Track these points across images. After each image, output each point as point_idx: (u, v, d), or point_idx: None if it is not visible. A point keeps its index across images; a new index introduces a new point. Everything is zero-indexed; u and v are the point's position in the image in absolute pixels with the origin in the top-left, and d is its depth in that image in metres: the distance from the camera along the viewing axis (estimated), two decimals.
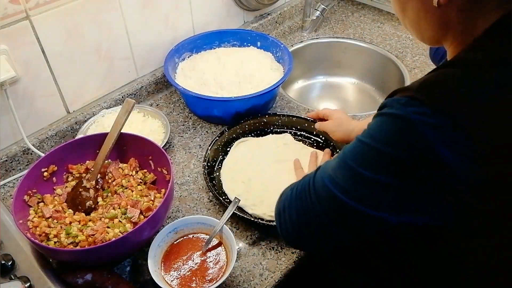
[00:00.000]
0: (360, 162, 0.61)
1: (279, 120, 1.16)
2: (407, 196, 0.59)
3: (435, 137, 0.54)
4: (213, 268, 0.82)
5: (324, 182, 0.66)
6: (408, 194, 0.59)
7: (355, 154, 0.62)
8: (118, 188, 0.93)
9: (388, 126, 0.59)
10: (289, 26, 1.58)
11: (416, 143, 0.56)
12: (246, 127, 1.15)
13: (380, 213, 0.62)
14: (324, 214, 0.66)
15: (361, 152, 0.62)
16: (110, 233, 0.82)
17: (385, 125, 0.59)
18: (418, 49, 1.48)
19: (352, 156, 0.63)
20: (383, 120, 0.60)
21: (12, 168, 1.06)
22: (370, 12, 1.68)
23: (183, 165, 1.09)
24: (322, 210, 0.66)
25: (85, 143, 0.97)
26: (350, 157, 0.63)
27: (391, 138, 0.58)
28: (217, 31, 1.33)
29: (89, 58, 1.11)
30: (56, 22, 1.01)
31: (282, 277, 0.87)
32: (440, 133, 0.54)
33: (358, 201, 0.62)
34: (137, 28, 1.18)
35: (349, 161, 0.63)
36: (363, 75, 1.56)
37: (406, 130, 0.56)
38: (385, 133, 0.59)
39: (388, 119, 0.59)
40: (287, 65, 1.22)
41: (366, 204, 0.62)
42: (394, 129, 0.58)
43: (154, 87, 1.28)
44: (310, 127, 1.14)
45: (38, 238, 0.83)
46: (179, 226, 0.87)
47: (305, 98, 1.56)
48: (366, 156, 0.61)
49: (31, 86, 1.03)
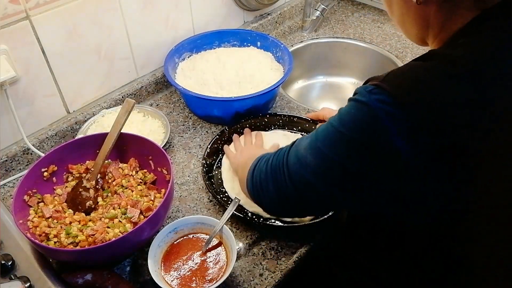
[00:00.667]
0: (328, 145, 0.64)
1: (280, 120, 1.16)
2: (363, 181, 0.62)
3: (391, 126, 0.56)
4: (213, 268, 0.82)
5: (295, 161, 0.69)
6: (364, 179, 0.61)
7: (325, 137, 0.65)
8: (118, 188, 0.93)
9: (354, 112, 0.61)
10: (289, 26, 1.58)
11: (375, 129, 0.58)
12: (247, 126, 1.15)
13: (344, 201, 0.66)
14: (296, 191, 0.69)
15: (330, 136, 0.64)
16: (110, 233, 0.82)
17: (352, 111, 0.62)
18: (418, 49, 1.48)
19: (322, 138, 0.65)
20: (351, 105, 0.62)
21: (12, 168, 1.06)
22: (370, 12, 1.68)
23: (183, 165, 1.09)
24: (294, 188, 0.69)
25: (85, 143, 0.97)
26: (321, 139, 0.65)
27: (355, 123, 0.60)
28: (217, 31, 1.33)
29: (89, 58, 1.11)
30: (56, 22, 1.01)
31: (282, 277, 0.87)
32: (396, 123, 0.56)
33: (325, 183, 0.65)
34: (137, 28, 1.18)
35: (319, 143, 0.65)
36: (363, 75, 1.56)
37: (367, 116, 0.59)
38: (350, 118, 0.61)
39: (355, 104, 0.61)
40: (287, 65, 1.22)
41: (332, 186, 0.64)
42: (358, 114, 0.60)
43: (154, 87, 1.28)
44: (311, 128, 1.14)
45: (38, 238, 0.83)
46: (179, 226, 0.87)
47: (305, 98, 1.56)
48: (334, 139, 0.63)
49: (31, 86, 1.03)
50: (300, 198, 0.70)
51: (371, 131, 0.58)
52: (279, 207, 0.76)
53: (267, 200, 0.76)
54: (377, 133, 0.58)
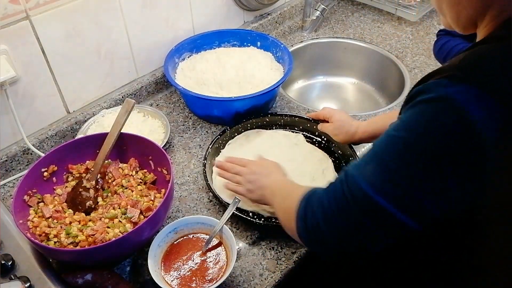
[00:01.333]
0: (397, 159, 0.56)
1: (281, 119, 1.16)
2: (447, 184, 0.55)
3: (480, 115, 0.52)
4: (213, 268, 0.82)
5: (359, 184, 0.59)
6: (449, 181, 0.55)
7: (391, 152, 0.57)
8: (118, 188, 0.93)
9: (428, 112, 0.55)
10: (289, 26, 1.58)
11: (460, 124, 0.53)
12: (248, 126, 1.15)
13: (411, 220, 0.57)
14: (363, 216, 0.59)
15: (397, 148, 0.57)
16: (110, 233, 0.82)
17: (425, 113, 0.55)
18: (418, 49, 1.48)
19: (388, 153, 0.57)
20: (421, 108, 0.55)
21: (12, 168, 1.06)
22: (370, 12, 1.68)
23: (183, 165, 1.09)
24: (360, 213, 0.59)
25: (85, 143, 0.97)
26: (386, 154, 0.58)
27: (433, 124, 0.54)
28: (217, 31, 1.33)
29: (89, 58, 1.11)
30: (56, 22, 1.01)
31: (282, 277, 0.87)
32: (484, 110, 0.52)
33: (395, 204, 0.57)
34: (137, 28, 1.18)
35: (386, 157, 0.57)
36: (363, 75, 1.56)
37: (449, 112, 0.53)
38: (425, 121, 0.55)
39: (428, 105, 0.55)
40: (287, 65, 1.22)
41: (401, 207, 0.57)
42: (435, 113, 0.54)
43: (154, 87, 1.28)
44: (312, 128, 1.14)
45: (38, 238, 0.83)
46: (179, 226, 0.87)
47: (305, 98, 1.56)
48: (403, 151, 0.56)
49: (31, 86, 1.03)
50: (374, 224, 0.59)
51: (455, 127, 0.53)
52: (349, 241, 0.63)
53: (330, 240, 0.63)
54: (463, 127, 0.52)
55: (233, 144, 1.11)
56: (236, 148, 1.10)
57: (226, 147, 1.10)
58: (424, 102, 0.55)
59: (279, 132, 1.15)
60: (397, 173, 0.56)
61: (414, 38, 1.53)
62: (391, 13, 1.64)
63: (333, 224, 0.62)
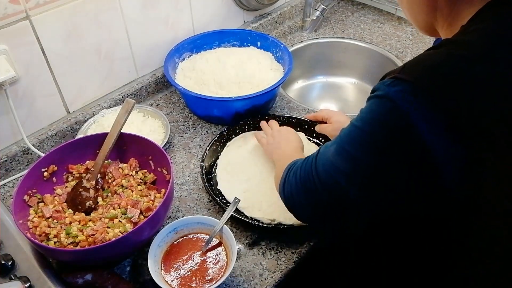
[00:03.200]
0: (354, 145, 0.64)
1: (279, 121, 1.16)
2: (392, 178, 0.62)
3: (415, 114, 0.56)
4: (213, 268, 0.82)
5: (325, 168, 0.67)
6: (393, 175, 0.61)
7: (350, 139, 0.65)
8: (118, 188, 0.93)
9: (375, 108, 0.61)
10: (289, 26, 1.58)
11: (399, 120, 0.58)
12: (246, 127, 1.15)
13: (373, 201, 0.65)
14: (330, 197, 0.67)
15: (354, 136, 0.64)
16: (110, 233, 0.82)
17: (373, 107, 0.62)
18: (418, 49, 1.48)
19: (347, 140, 0.65)
20: (371, 102, 0.62)
21: (12, 168, 1.06)
22: (370, 12, 1.68)
23: (183, 165, 1.09)
24: (328, 194, 0.67)
25: (85, 143, 0.97)
26: (346, 141, 0.65)
27: (377, 118, 0.61)
28: (217, 31, 1.33)
29: (89, 58, 1.11)
30: (56, 22, 1.01)
31: (282, 277, 0.87)
32: (419, 110, 0.56)
33: (356, 187, 0.64)
34: (137, 28, 1.18)
35: (346, 145, 0.65)
36: (363, 75, 1.56)
37: (389, 109, 0.59)
38: (372, 114, 0.62)
39: (375, 101, 0.62)
40: (287, 65, 1.22)
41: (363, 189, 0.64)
42: (379, 109, 0.61)
43: (154, 87, 1.28)
44: (310, 129, 1.14)
45: (38, 238, 0.83)
46: (179, 226, 0.87)
47: (305, 98, 1.56)
48: (358, 139, 0.63)
49: (31, 86, 1.03)
50: (335, 203, 0.67)
51: (395, 124, 0.58)
52: (315, 217, 0.73)
53: (301, 211, 0.75)
54: (401, 124, 0.58)
55: (232, 146, 1.11)
56: (234, 149, 1.10)
57: (224, 149, 1.10)
58: (373, 98, 0.62)
59: None
60: (351, 156, 0.64)
61: (414, 38, 1.53)
62: (391, 13, 1.64)
63: (302, 195, 0.71)
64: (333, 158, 0.66)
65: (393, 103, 0.58)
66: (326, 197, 0.67)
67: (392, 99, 0.58)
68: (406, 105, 0.57)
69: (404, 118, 0.57)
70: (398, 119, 0.58)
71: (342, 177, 0.64)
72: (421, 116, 0.56)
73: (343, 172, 0.64)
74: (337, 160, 0.65)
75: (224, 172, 1.04)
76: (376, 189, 0.63)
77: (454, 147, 0.57)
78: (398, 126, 0.58)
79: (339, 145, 0.66)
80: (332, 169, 0.66)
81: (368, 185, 0.63)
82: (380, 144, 0.60)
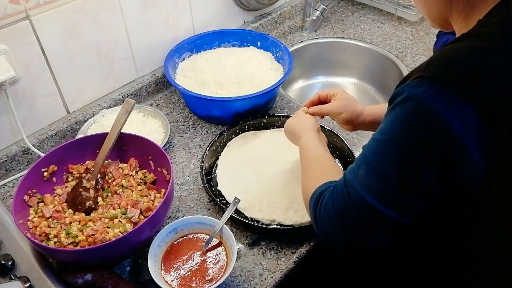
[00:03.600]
0: (385, 161, 0.61)
1: (279, 120, 1.16)
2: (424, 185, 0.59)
3: (444, 111, 0.55)
4: (213, 268, 0.82)
5: (360, 194, 0.63)
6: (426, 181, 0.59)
7: (379, 155, 0.62)
8: (118, 188, 0.93)
9: (402, 114, 0.59)
10: (289, 26, 1.58)
11: (430, 121, 0.56)
12: (246, 127, 1.15)
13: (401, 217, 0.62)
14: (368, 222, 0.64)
15: (383, 151, 0.61)
16: (110, 233, 0.82)
17: (400, 114, 0.59)
18: (418, 49, 1.48)
19: (376, 158, 0.62)
20: (398, 110, 0.59)
21: (12, 168, 1.06)
22: (370, 12, 1.68)
23: (183, 165, 1.09)
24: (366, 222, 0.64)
25: (85, 143, 0.97)
26: (375, 159, 0.62)
27: (407, 124, 0.58)
28: (217, 31, 1.33)
29: (89, 58, 1.11)
30: (56, 22, 1.01)
31: (282, 277, 0.87)
32: (448, 106, 0.55)
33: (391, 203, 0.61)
34: (137, 28, 1.18)
35: (375, 163, 0.62)
36: (363, 75, 1.56)
37: (419, 111, 0.57)
38: (400, 122, 0.59)
39: (401, 107, 0.59)
40: (287, 65, 1.22)
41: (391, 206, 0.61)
42: (408, 114, 0.58)
43: (154, 87, 1.28)
44: None
45: (38, 238, 0.83)
46: (179, 226, 0.87)
47: (305, 98, 1.55)
48: (389, 153, 0.60)
49: (31, 86, 1.03)
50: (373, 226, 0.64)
51: (428, 124, 0.56)
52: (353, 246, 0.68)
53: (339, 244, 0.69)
54: (434, 123, 0.56)
55: (232, 146, 1.11)
56: (234, 149, 1.10)
57: (224, 149, 1.10)
58: (398, 104, 0.59)
59: (278, 131, 1.15)
60: (384, 175, 0.61)
61: (414, 38, 1.53)
62: (391, 13, 1.64)
63: (337, 225, 0.67)
64: (365, 180, 0.63)
65: (421, 103, 0.56)
66: (365, 224, 0.64)
67: (420, 100, 0.56)
68: (434, 103, 0.55)
69: (435, 117, 0.56)
70: (429, 120, 0.56)
71: (378, 197, 0.61)
72: (451, 111, 0.55)
73: (378, 192, 0.61)
74: (370, 182, 0.62)
75: (224, 173, 1.04)
76: (410, 201, 0.61)
77: (483, 138, 0.56)
78: (431, 126, 0.56)
79: (367, 165, 0.63)
80: (368, 193, 0.62)
81: (402, 198, 0.61)
82: (413, 151, 0.58)
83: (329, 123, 1.20)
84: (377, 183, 0.61)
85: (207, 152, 1.06)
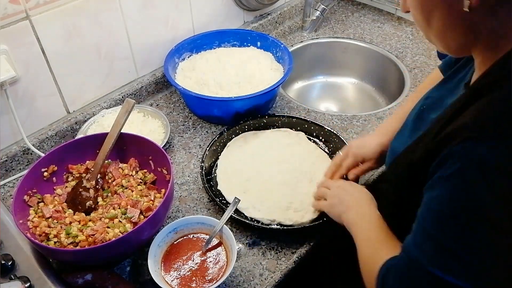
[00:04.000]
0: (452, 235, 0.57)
1: (279, 120, 1.16)
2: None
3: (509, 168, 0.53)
4: (213, 268, 0.82)
5: (425, 268, 0.59)
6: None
7: (445, 229, 0.58)
8: (118, 188, 0.93)
9: (465, 181, 0.56)
10: (289, 26, 1.58)
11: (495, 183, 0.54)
12: (246, 127, 1.15)
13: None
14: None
15: (449, 225, 0.58)
16: (110, 233, 0.82)
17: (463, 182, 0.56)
18: (418, 49, 1.48)
19: (442, 231, 0.58)
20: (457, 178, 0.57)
21: (12, 168, 1.06)
22: (370, 12, 1.68)
23: (183, 165, 1.09)
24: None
25: (85, 143, 0.97)
26: (441, 232, 0.58)
27: (472, 192, 0.55)
28: (217, 31, 1.34)
29: (89, 58, 1.11)
30: (56, 22, 1.01)
31: (282, 277, 0.87)
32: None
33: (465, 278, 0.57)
34: (137, 28, 1.18)
35: (440, 236, 0.58)
36: (363, 75, 1.56)
37: (481, 174, 0.54)
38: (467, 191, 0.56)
39: (462, 173, 0.56)
40: (287, 65, 1.22)
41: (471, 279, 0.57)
42: (470, 180, 0.55)
43: (154, 87, 1.28)
44: (310, 128, 1.14)
45: (38, 238, 0.83)
46: (179, 226, 0.87)
47: (305, 98, 1.56)
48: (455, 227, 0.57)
49: (31, 86, 1.03)
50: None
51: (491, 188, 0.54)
52: None
53: None
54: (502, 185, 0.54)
55: (232, 146, 1.11)
56: (234, 149, 1.10)
57: (224, 149, 1.10)
58: (458, 171, 0.56)
59: (278, 131, 1.15)
60: (457, 249, 0.57)
61: (414, 38, 1.53)
62: (391, 13, 1.64)
63: None
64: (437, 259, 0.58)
65: (484, 166, 0.54)
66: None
67: (484, 162, 0.54)
68: (499, 163, 0.54)
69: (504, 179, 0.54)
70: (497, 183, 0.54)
71: (459, 277, 0.57)
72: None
73: (457, 272, 0.57)
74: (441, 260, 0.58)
75: (224, 173, 1.04)
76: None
77: None
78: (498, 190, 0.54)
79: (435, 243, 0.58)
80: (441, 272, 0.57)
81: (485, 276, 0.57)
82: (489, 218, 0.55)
83: (329, 123, 1.20)
84: (450, 259, 0.57)
85: (207, 152, 1.06)
